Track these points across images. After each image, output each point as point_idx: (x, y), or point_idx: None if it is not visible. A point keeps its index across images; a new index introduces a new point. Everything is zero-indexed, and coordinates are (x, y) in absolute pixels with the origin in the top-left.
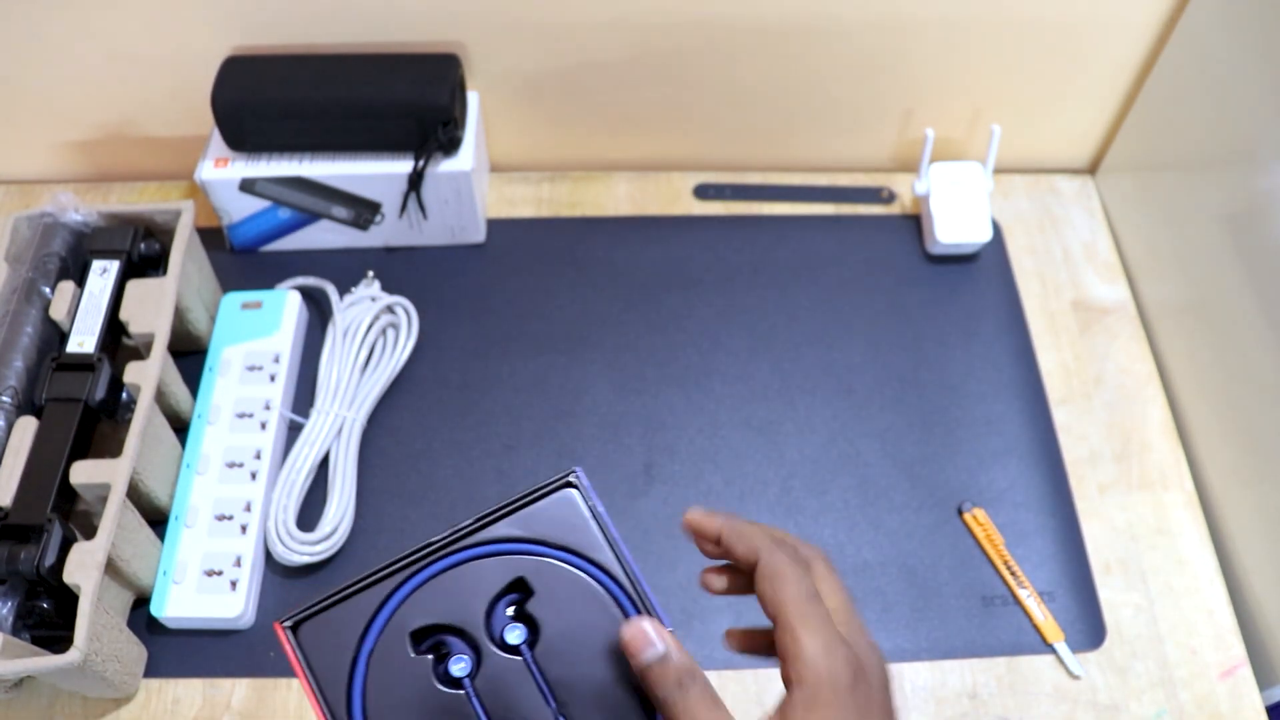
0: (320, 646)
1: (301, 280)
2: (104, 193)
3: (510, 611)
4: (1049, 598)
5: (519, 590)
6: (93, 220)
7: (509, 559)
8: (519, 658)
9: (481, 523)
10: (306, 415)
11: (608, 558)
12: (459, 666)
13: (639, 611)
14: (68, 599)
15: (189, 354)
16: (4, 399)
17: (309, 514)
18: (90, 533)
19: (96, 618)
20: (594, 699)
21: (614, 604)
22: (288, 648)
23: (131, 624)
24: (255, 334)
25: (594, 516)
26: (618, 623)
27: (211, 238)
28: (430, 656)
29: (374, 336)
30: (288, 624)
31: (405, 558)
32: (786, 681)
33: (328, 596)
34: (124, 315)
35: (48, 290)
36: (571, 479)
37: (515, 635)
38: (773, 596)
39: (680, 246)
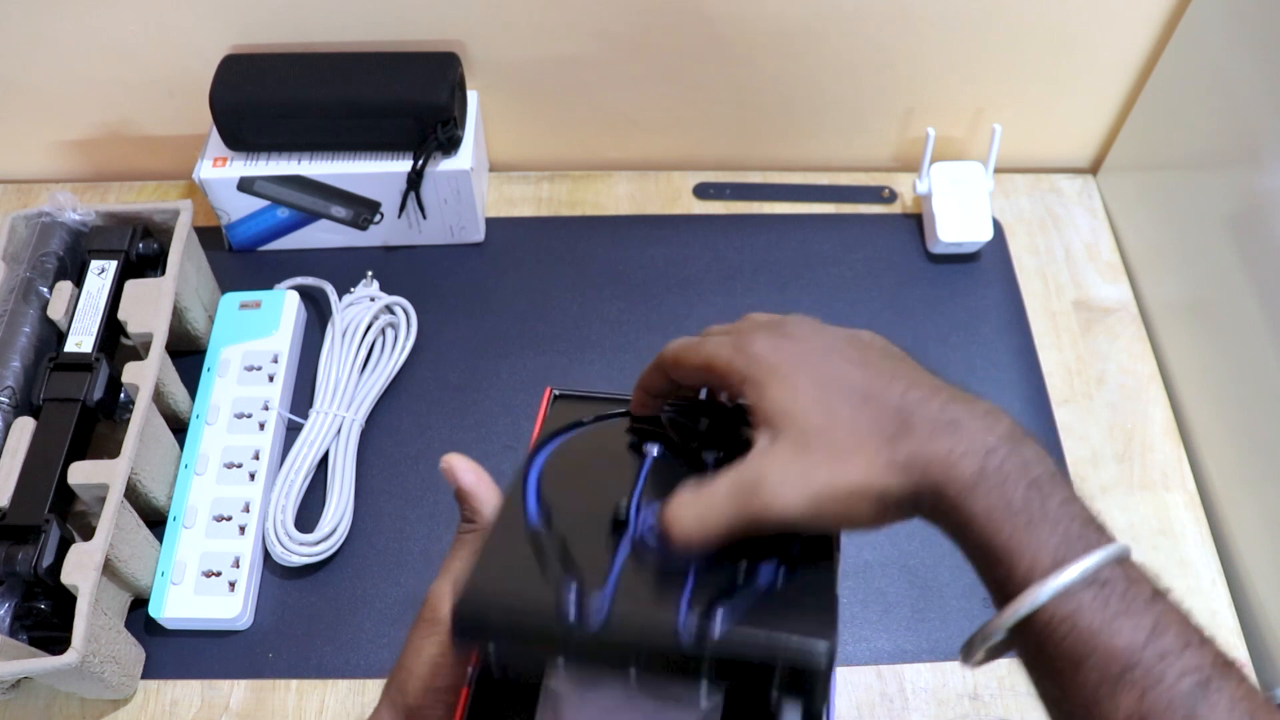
0: (562, 408)
1: (300, 280)
2: (102, 192)
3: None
4: None
5: (740, 443)
6: (91, 220)
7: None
8: (705, 468)
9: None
10: (305, 415)
11: None
12: (652, 448)
13: None
14: (65, 600)
15: (187, 354)
16: (2, 399)
17: (308, 514)
18: (88, 533)
19: (94, 619)
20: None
21: None
22: (543, 407)
23: (129, 625)
24: (254, 334)
25: None
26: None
27: (210, 237)
28: (636, 441)
29: (373, 336)
30: (556, 393)
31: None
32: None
33: (598, 393)
34: (122, 315)
35: (45, 290)
36: None
37: (711, 456)
38: (706, 371)
39: (680, 246)
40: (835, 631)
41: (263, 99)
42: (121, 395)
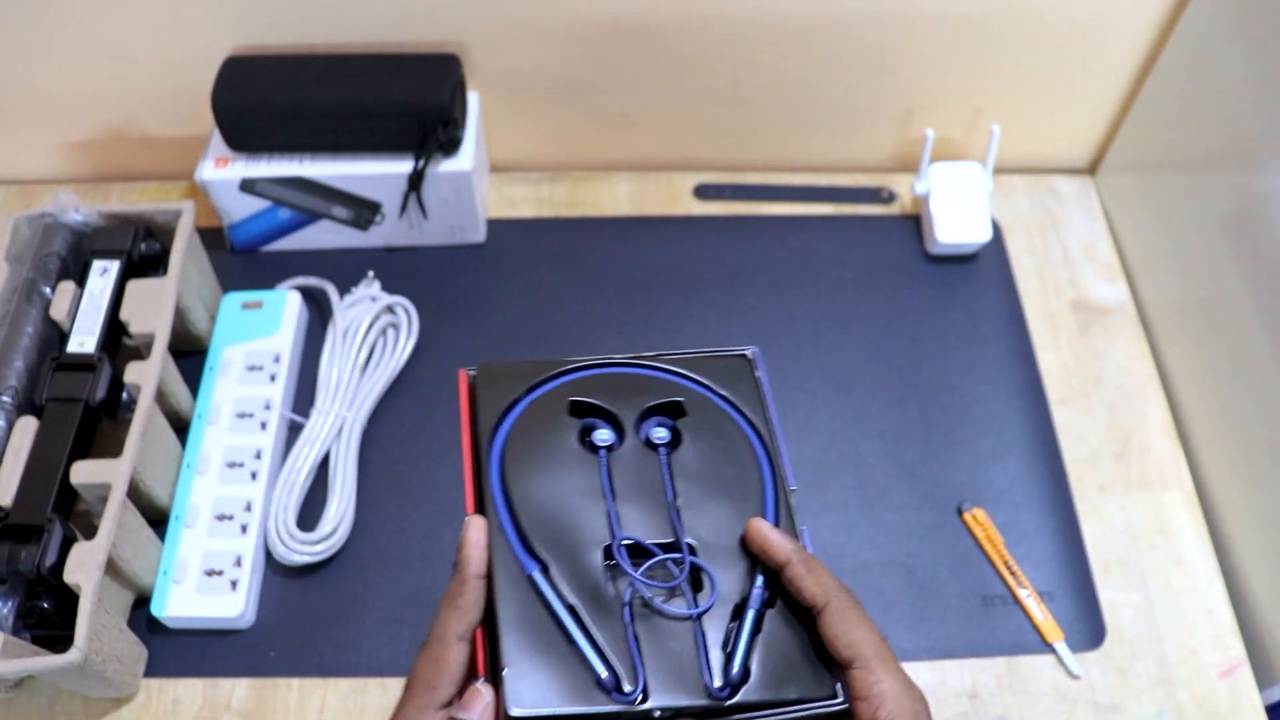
0: (490, 386)
1: (302, 280)
2: (104, 193)
3: (660, 426)
4: (1049, 597)
5: (674, 413)
6: (93, 220)
7: (675, 384)
8: (654, 454)
9: (660, 355)
10: (307, 415)
11: (758, 416)
12: (602, 436)
13: (771, 466)
14: (68, 599)
15: (189, 354)
16: (4, 399)
17: (309, 514)
18: (91, 533)
19: (96, 617)
20: (701, 515)
21: (751, 451)
22: (463, 390)
23: (132, 624)
24: (255, 334)
25: (757, 385)
26: (750, 467)
27: (212, 238)
28: (580, 425)
29: (374, 336)
30: (472, 372)
31: (590, 359)
32: None
33: (513, 361)
34: (124, 315)
35: (48, 290)
36: (748, 353)
37: (660, 434)
38: (848, 637)
39: (680, 246)
40: (832, 675)
41: (264, 100)
42: (124, 395)
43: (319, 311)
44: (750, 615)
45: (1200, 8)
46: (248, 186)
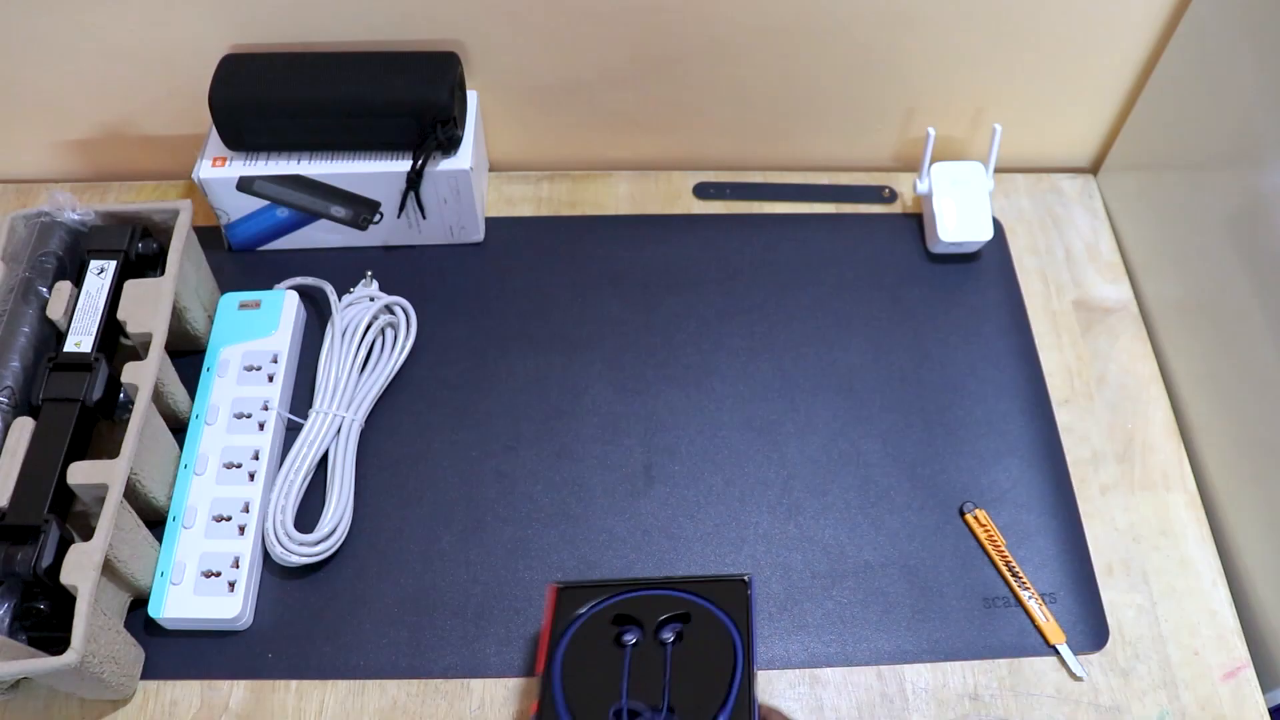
0: (564, 605)
1: (300, 280)
2: (101, 192)
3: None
4: (1051, 599)
5: (684, 618)
6: (90, 219)
7: (686, 599)
8: (663, 648)
9: (676, 580)
10: (305, 416)
11: (743, 629)
12: (629, 637)
13: (744, 666)
14: (65, 600)
15: (187, 354)
16: (1, 399)
17: (307, 515)
18: (87, 534)
19: (93, 619)
20: (685, 691)
21: (731, 655)
22: (550, 600)
23: (129, 625)
24: (253, 334)
25: (747, 604)
26: (726, 666)
27: (209, 237)
28: (617, 629)
29: (372, 336)
30: (560, 586)
31: (629, 580)
32: None
33: (584, 582)
34: (121, 315)
35: (45, 290)
36: (745, 578)
37: (669, 633)
38: None
39: (680, 246)
40: None
41: (262, 98)
42: (121, 395)
43: (317, 311)
44: None
45: (1203, 6)
46: (245, 185)
